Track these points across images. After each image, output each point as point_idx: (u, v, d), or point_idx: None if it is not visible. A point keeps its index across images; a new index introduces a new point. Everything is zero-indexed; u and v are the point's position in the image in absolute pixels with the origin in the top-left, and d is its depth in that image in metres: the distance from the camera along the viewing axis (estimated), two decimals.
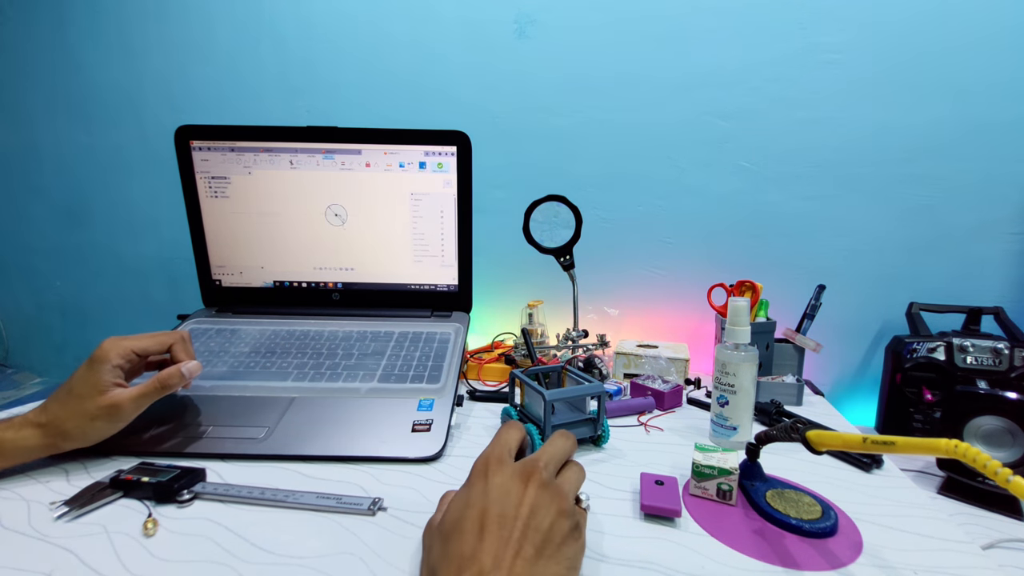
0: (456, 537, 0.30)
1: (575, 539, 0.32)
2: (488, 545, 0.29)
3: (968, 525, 0.55)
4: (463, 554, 0.29)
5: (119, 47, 1.01)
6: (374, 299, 0.78)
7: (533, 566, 0.29)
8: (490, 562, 0.28)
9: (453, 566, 0.28)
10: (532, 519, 0.30)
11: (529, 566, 0.28)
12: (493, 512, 0.30)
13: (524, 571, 0.28)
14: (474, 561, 0.28)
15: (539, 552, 0.29)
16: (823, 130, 0.85)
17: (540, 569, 0.29)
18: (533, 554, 0.29)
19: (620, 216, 0.93)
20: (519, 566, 0.28)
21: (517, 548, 0.29)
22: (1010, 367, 0.71)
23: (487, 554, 0.28)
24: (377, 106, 0.96)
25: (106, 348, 0.47)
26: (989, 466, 0.28)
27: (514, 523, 0.30)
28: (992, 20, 0.78)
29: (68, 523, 0.39)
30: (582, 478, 0.36)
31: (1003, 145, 0.80)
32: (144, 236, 1.08)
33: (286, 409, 0.55)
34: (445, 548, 0.30)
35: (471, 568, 0.28)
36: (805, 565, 0.37)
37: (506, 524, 0.30)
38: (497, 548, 0.28)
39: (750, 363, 0.54)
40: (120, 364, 0.47)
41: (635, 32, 0.87)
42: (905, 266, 0.86)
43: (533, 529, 0.30)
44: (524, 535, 0.29)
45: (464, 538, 0.29)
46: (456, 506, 0.32)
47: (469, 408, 0.65)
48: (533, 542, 0.29)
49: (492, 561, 0.28)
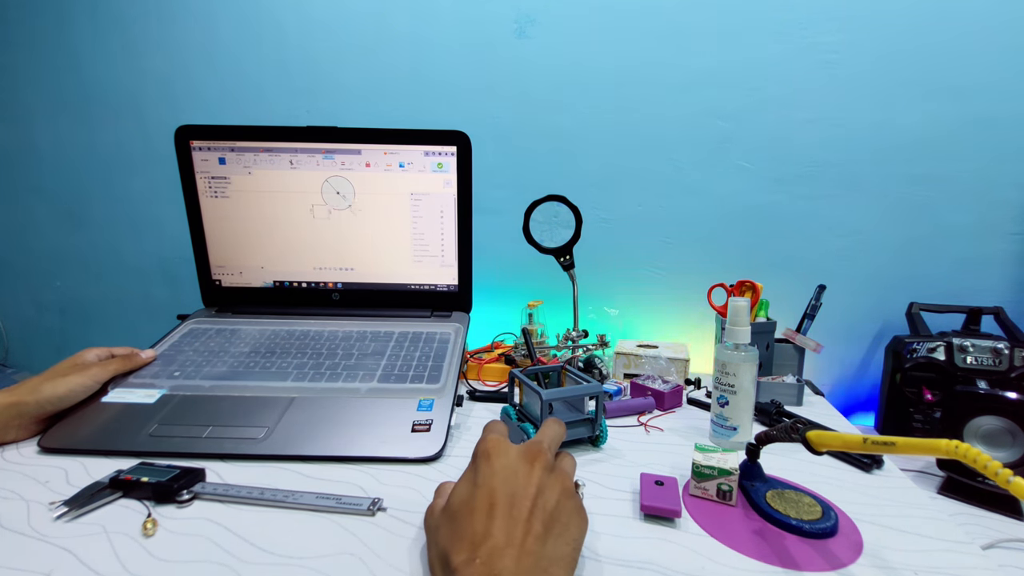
0: (466, 517, 0.30)
1: (580, 518, 0.33)
2: (499, 523, 0.29)
3: (968, 525, 0.55)
4: (475, 532, 0.29)
5: (120, 46, 1.01)
6: (374, 299, 0.78)
7: (543, 543, 0.29)
8: (503, 539, 0.28)
9: (465, 544, 0.29)
10: (540, 499, 0.31)
11: (539, 543, 0.29)
12: (502, 492, 0.31)
13: (535, 548, 0.29)
14: (487, 538, 0.29)
15: (548, 530, 0.30)
16: (823, 130, 0.85)
17: (549, 546, 0.30)
18: (542, 531, 0.30)
19: (620, 216, 0.93)
20: (530, 543, 0.29)
21: (527, 526, 0.30)
22: (1010, 367, 0.71)
23: (499, 531, 0.29)
24: (377, 106, 0.96)
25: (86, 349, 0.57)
26: (989, 467, 0.28)
27: (524, 502, 0.31)
28: (991, 19, 0.78)
29: (67, 523, 0.39)
30: (575, 464, 0.38)
31: (1003, 145, 0.80)
32: (144, 236, 1.08)
33: (286, 409, 0.55)
34: (454, 527, 0.31)
35: (485, 545, 0.28)
36: (805, 566, 0.37)
37: (516, 503, 0.31)
38: (509, 526, 0.29)
39: (750, 363, 0.54)
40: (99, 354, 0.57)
41: (635, 32, 0.87)
42: (905, 266, 0.86)
43: (541, 508, 0.31)
44: (533, 513, 0.30)
45: (475, 517, 0.30)
46: (463, 488, 0.33)
47: (469, 408, 0.65)
48: (542, 520, 0.30)
49: (505, 538, 0.29)
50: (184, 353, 0.65)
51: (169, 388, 0.57)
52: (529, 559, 0.28)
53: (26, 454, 0.48)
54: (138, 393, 0.56)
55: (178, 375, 0.60)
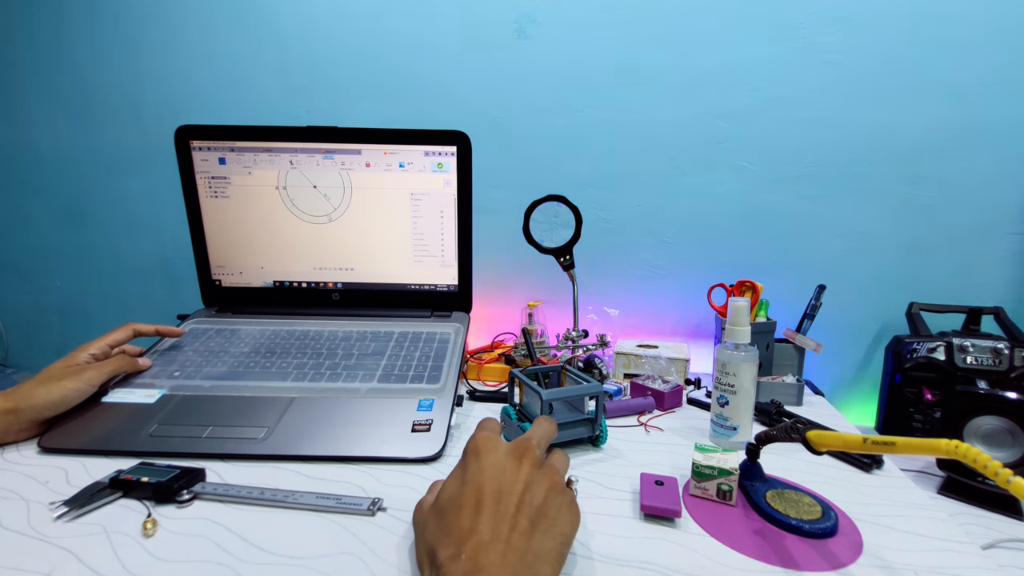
0: (453, 512, 0.31)
1: (570, 514, 0.33)
2: (486, 519, 0.29)
3: (968, 525, 0.55)
4: (462, 528, 0.29)
5: (119, 46, 1.01)
6: (374, 299, 0.78)
7: (529, 539, 0.29)
8: (489, 534, 0.28)
9: (452, 540, 0.29)
10: (527, 494, 0.31)
11: (525, 539, 0.29)
12: (489, 488, 0.31)
13: (521, 544, 0.29)
14: (473, 534, 0.29)
15: (534, 525, 0.30)
16: (823, 130, 0.85)
17: (536, 542, 0.30)
18: (528, 527, 0.30)
19: (620, 216, 0.93)
20: (516, 538, 0.29)
21: (514, 522, 0.30)
22: (1010, 367, 0.71)
23: (485, 527, 0.29)
24: (377, 105, 0.96)
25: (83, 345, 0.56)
26: (989, 466, 0.28)
27: (510, 498, 0.31)
28: (991, 19, 0.78)
29: (67, 523, 0.39)
30: (568, 461, 0.38)
31: (1003, 145, 0.80)
32: (144, 236, 1.08)
33: (286, 409, 0.55)
34: (442, 523, 0.31)
35: (470, 540, 0.28)
36: (805, 565, 0.37)
37: (503, 499, 0.31)
38: (495, 522, 0.29)
39: (750, 363, 0.54)
40: (95, 354, 0.56)
41: (635, 32, 0.87)
42: (905, 266, 0.86)
43: (528, 504, 0.31)
44: (520, 509, 0.30)
45: (462, 513, 0.30)
46: (451, 484, 0.33)
47: (469, 408, 0.65)
48: (529, 516, 0.30)
49: (491, 534, 0.29)
50: (184, 353, 0.65)
51: (169, 388, 0.57)
52: (514, 554, 0.28)
53: (26, 454, 0.48)
54: (138, 393, 0.56)
55: (178, 375, 0.60)
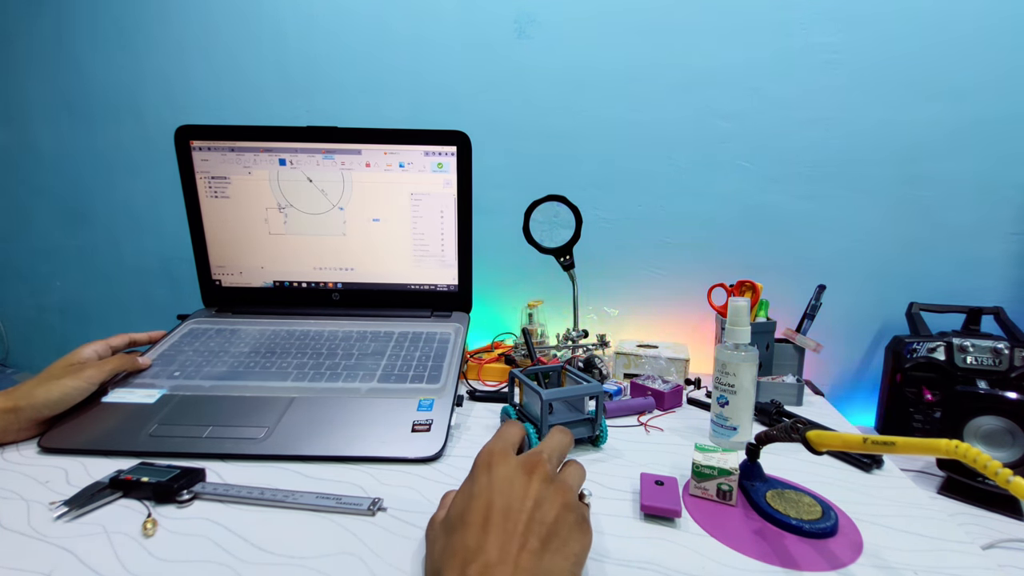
0: (460, 530, 0.29)
1: (582, 532, 0.31)
2: (494, 537, 0.28)
3: (968, 525, 0.55)
4: (468, 546, 0.28)
5: (119, 46, 1.01)
6: (374, 299, 0.78)
7: (539, 559, 0.28)
8: (496, 554, 0.27)
9: (458, 559, 0.28)
10: (537, 511, 0.30)
11: (535, 559, 0.28)
12: (498, 504, 0.30)
13: (530, 564, 0.27)
14: (480, 553, 0.27)
15: (544, 545, 0.29)
16: (823, 130, 0.85)
17: (546, 562, 0.28)
18: (539, 547, 0.28)
19: (620, 216, 0.93)
20: (525, 559, 0.27)
21: (523, 541, 0.28)
22: (1010, 367, 0.71)
23: (493, 546, 0.28)
24: (377, 105, 0.96)
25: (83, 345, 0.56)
26: (989, 466, 0.28)
27: (519, 516, 0.29)
28: (991, 19, 0.78)
29: (67, 523, 0.39)
30: (583, 475, 0.36)
31: (1003, 145, 0.80)
32: (144, 236, 1.08)
33: (286, 409, 0.55)
34: (449, 541, 0.30)
35: (477, 560, 0.27)
36: (805, 565, 0.37)
37: (511, 516, 0.29)
38: (503, 541, 0.28)
39: (750, 363, 0.54)
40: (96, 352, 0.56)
41: (635, 32, 0.87)
42: (905, 266, 0.86)
43: (538, 522, 0.29)
44: (529, 528, 0.29)
45: (469, 530, 0.29)
46: (460, 499, 0.32)
47: (469, 408, 0.65)
48: (538, 535, 0.29)
49: (498, 554, 0.27)
50: (184, 353, 0.65)
51: (169, 388, 0.57)
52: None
53: (26, 454, 0.48)
54: (138, 393, 0.56)
55: (178, 375, 0.60)
